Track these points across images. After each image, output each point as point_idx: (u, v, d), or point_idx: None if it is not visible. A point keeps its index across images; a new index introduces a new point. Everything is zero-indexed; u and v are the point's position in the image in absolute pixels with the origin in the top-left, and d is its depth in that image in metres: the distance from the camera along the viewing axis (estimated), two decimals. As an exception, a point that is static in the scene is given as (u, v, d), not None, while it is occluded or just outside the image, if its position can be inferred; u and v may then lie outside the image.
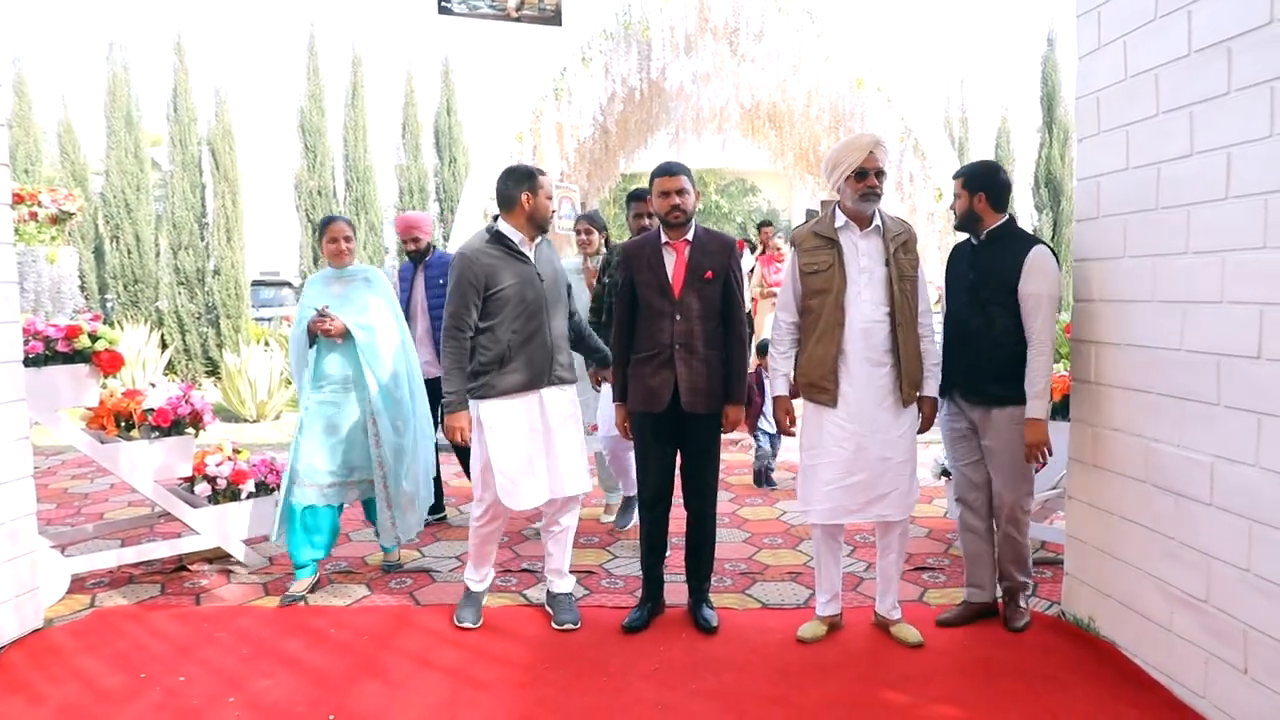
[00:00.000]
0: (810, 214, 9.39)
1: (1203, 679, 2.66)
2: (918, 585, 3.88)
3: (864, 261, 3.19)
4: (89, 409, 4.14)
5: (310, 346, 3.93)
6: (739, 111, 8.98)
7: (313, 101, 13.09)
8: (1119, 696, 2.83)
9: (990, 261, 3.28)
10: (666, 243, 3.40)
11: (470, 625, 3.46)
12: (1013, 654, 3.15)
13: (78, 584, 3.95)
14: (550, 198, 3.43)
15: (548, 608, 3.62)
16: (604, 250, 4.79)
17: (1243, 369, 2.48)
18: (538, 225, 3.41)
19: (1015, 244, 3.23)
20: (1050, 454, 3.22)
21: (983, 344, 3.25)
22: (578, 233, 4.94)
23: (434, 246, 5.07)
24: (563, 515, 3.55)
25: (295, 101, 13.21)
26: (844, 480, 3.19)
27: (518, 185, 3.36)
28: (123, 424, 4.12)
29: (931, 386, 3.29)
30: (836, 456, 3.21)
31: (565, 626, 3.47)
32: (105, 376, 4.04)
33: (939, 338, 3.37)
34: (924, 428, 3.31)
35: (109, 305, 12.31)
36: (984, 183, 3.31)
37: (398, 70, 14.01)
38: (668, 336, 3.34)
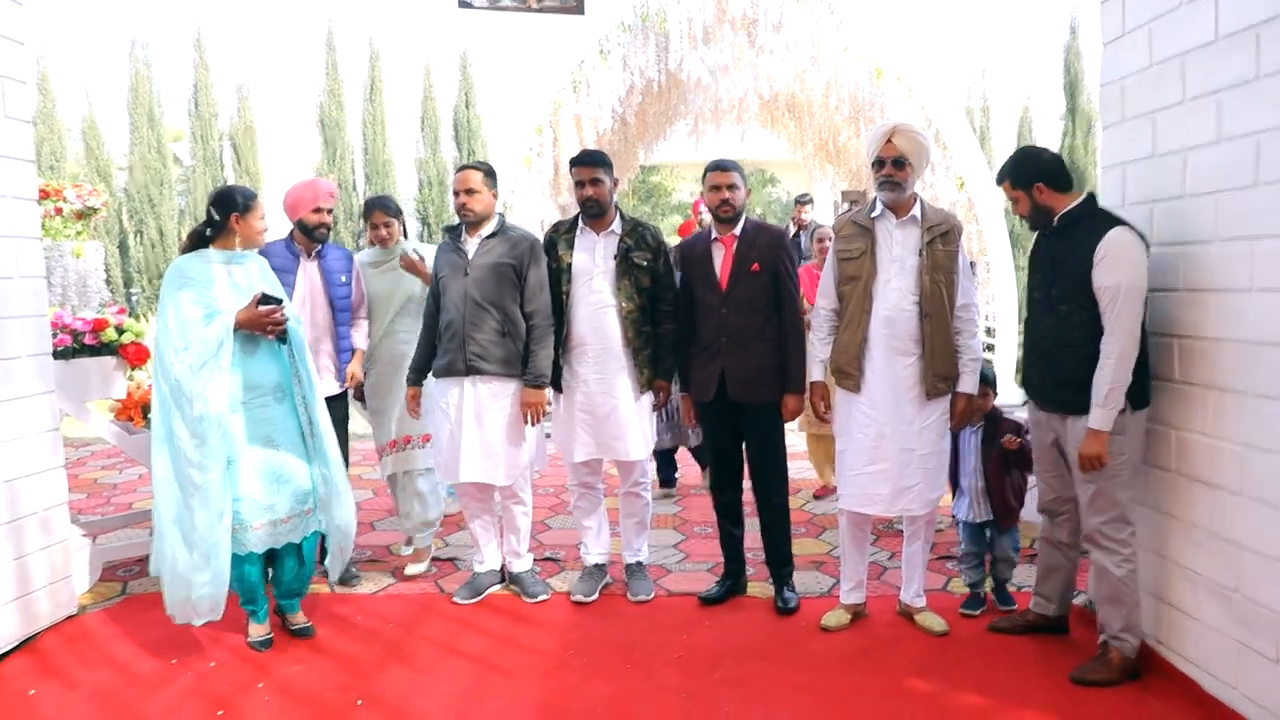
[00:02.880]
0: (837, 204, 9.33)
1: (1233, 670, 2.64)
2: (942, 574, 3.87)
3: (897, 250, 3.17)
4: (117, 401, 4.20)
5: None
6: (758, 102, 8.93)
7: (332, 96, 13.18)
8: (1145, 687, 2.82)
9: (1062, 252, 2.90)
10: (716, 238, 3.48)
11: (460, 601, 3.64)
12: (1037, 643, 3.14)
13: (109, 571, 4.02)
14: (456, 193, 3.58)
15: (512, 587, 3.77)
16: (404, 240, 4.14)
17: (1272, 357, 2.45)
18: (469, 217, 3.56)
19: (1089, 228, 2.81)
20: (1102, 466, 2.80)
21: (1052, 346, 2.92)
22: (374, 225, 4.04)
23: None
24: (510, 503, 3.71)
25: (315, 96, 13.31)
26: (866, 467, 3.21)
27: None
28: (150, 415, 4.17)
29: (967, 383, 3.20)
30: (860, 443, 3.23)
31: (539, 599, 3.65)
32: (132, 369, 4.10)
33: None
34: (957, 424, 3.27)
35: (134, 298, 12.46)
36: (1033, 171, 2.93)
37: (416, 64, 14.08)
38: (716, 329, 3.41)
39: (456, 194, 3.57)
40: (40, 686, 2.97)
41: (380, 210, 4.04)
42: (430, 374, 3.66)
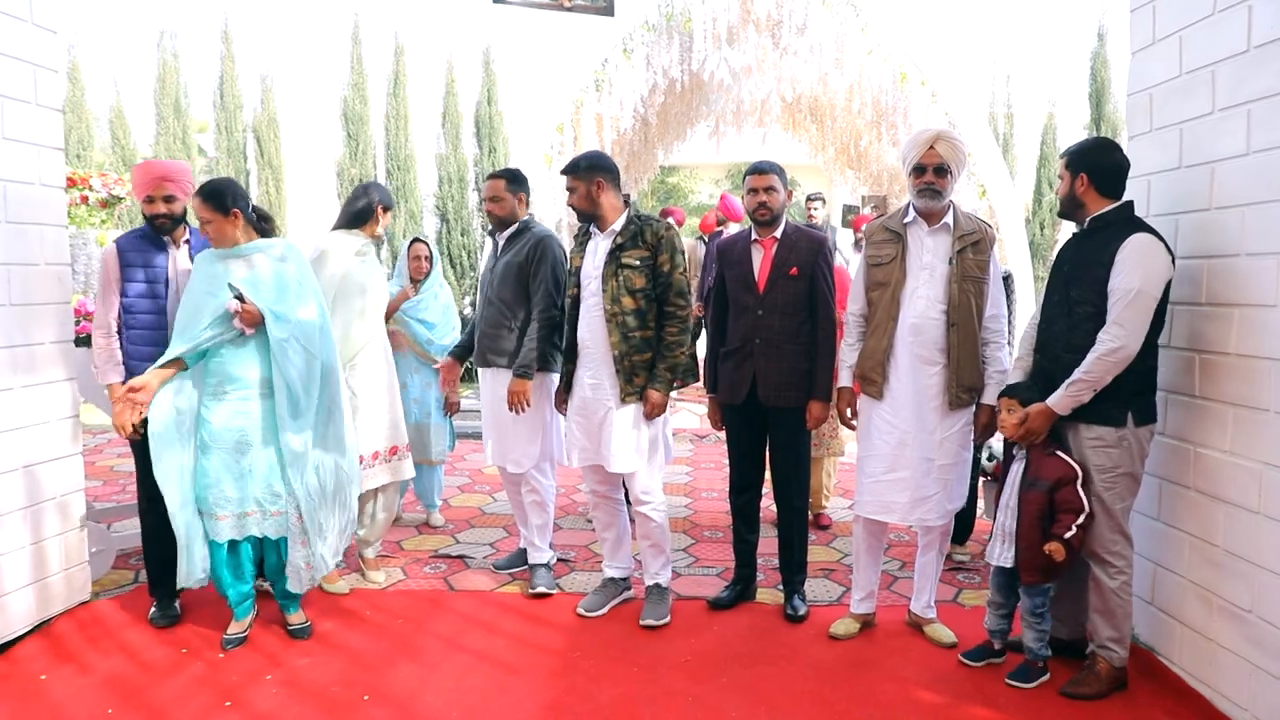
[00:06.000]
0: (848, 209, 9.26)
1: (1245, 691, 2.60)
2: (953, 585, 3.84)
3: (927, 258, 3.13)
4: (136, 389, 4.22)
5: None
6: (780, 105, 8.90)
7: (355, 90, 13.23)
8: (1157, 705, 2.79)
9: (1087, 254, 2.83)
10: (755, 240, 3.47)
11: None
12: (1051, 661, 3.10)
13: (122, 559, 4.05)
14: (484, 199, 3.80)
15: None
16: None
17: (1296, 374, 2.42)
18: (494, 221, 3.78)
19: (1117, 232, 2.75)
20: (1030, 439, 2.83)
21: (1061, 349, 2.84)
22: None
23: (186, 220, 3.50)
24: (524, 490, 3.82)
25: (338, 90, 13.35)
26: (885, 475, 3.18)
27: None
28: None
29: (992, 395, 3.11)
30: (880, 450, 3.20)
31: (535, 589, 3.69)
32: (152, 358, 4.11)
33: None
34: (980, 436, 3.23)
35: (155, 288, 12.54)
36: (1088, 162, 2.85)
37: (439, 59, 14.10)
38: (751, 331, 3.40)
39: (484, 199, 3.82)
40: (52, 671, 3.00)
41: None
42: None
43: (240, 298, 3.08)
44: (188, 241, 3.44)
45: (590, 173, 3.40)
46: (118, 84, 13.91)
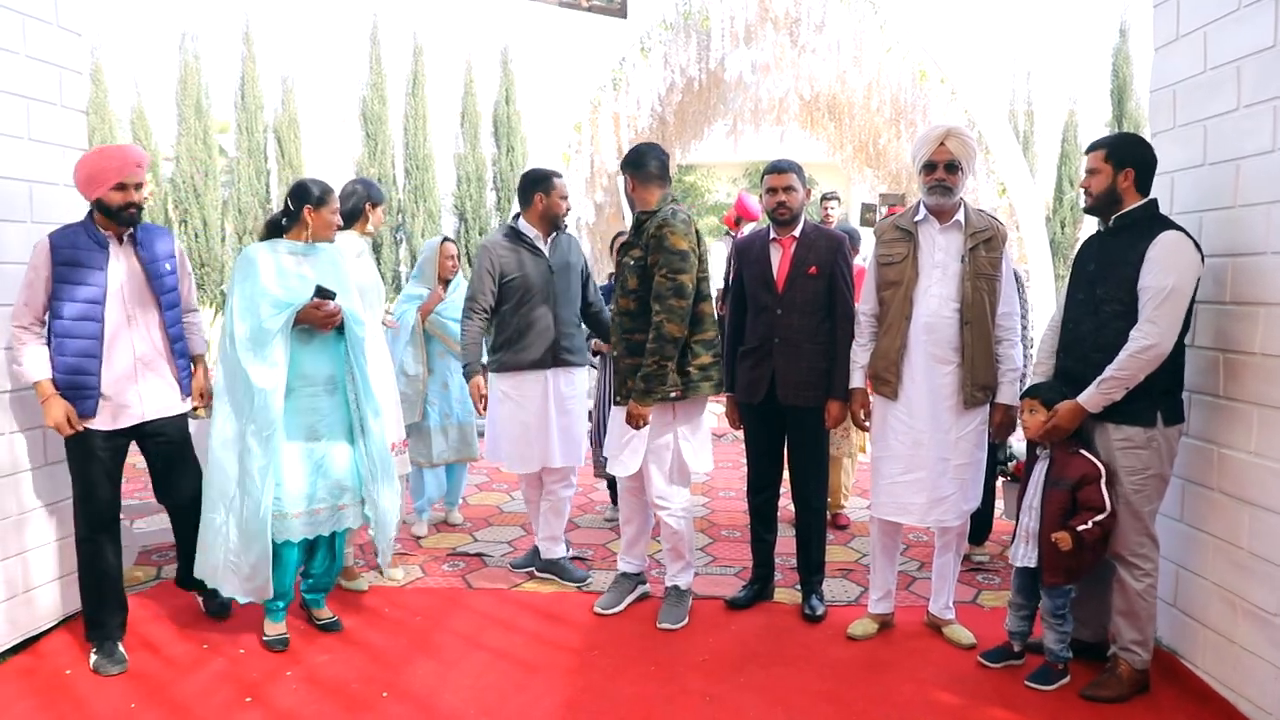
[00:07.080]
0: (866, 207, 9.22)
1: (1271, 695, 2.56)
2: (972, 586, 3.81)
3: (939, 256, 3.11)
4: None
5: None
6: (798, 103, 8.87)
7: (374, 90, 13.32)
8: (1179, 709, 2.75)
9: (1114, 252, 2.78)
10: (774, 239, 3.46)
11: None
12: (1069, 661, 3.08)
13: (145, 556, 4.10)
14: (565, 198, 3.75)
15: (543, 576, 3.88)
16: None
17: (1323, 374, 2.38)
18: (550, 222, 3.75)
19: (1145, 230, 2.71)
20: (1058, 437, 2.81)
21: (1089, 349, 2.80)
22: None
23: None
24: (559, 485, 3.83)
25: (358, 90, 13.46)
26: (902, 476, 3.17)
27: (533, 187, 3.73)
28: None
29: (1006, 393, 3.11)
30: (896, 451, 3.18)
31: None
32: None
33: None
34: (996, 436, 3.21)
35: (177, 287, 12.67)
36: (1134, 156, 2.77)
37: (458, 59, 14.22)
38: (769, 330, 3.39)
39: (565, 197, 3.75)
40: (76, 666, 3.04)
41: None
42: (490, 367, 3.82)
43: (332, 296, 3.12)
44: (132, 237, 3.07)
45: (622, 171, 3.46)
46: (139, 85, 14.13)
